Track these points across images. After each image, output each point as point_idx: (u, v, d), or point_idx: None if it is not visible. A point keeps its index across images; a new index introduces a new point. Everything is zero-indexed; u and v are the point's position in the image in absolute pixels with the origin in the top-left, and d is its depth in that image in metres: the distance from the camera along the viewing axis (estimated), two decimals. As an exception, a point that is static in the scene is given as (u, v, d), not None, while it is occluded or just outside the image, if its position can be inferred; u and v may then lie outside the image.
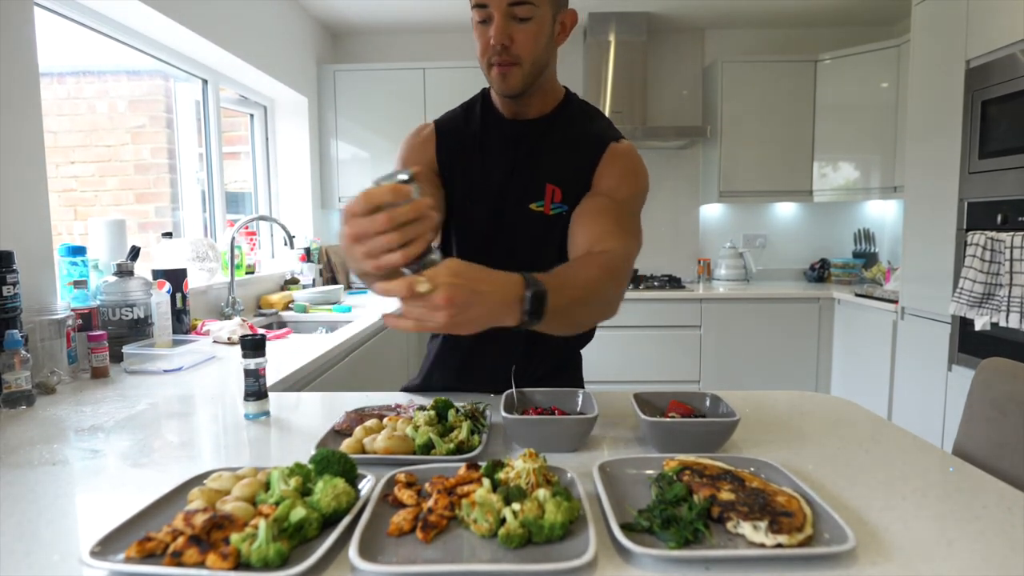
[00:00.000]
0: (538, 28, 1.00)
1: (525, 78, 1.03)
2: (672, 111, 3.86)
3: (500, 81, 1.03)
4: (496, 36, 0.98)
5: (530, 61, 1.02)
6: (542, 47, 1.02)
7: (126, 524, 0.66)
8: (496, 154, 1.12)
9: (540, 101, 1.11)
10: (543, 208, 1.07)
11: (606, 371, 3.36)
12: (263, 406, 1.11)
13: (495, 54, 1.00)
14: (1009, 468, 0.92)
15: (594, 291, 0.90)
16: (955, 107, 2.35)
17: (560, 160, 1.09)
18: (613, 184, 1.06)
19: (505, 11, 0.97)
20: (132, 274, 1.75)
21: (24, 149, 1.52)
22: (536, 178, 1.09)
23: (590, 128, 1.11)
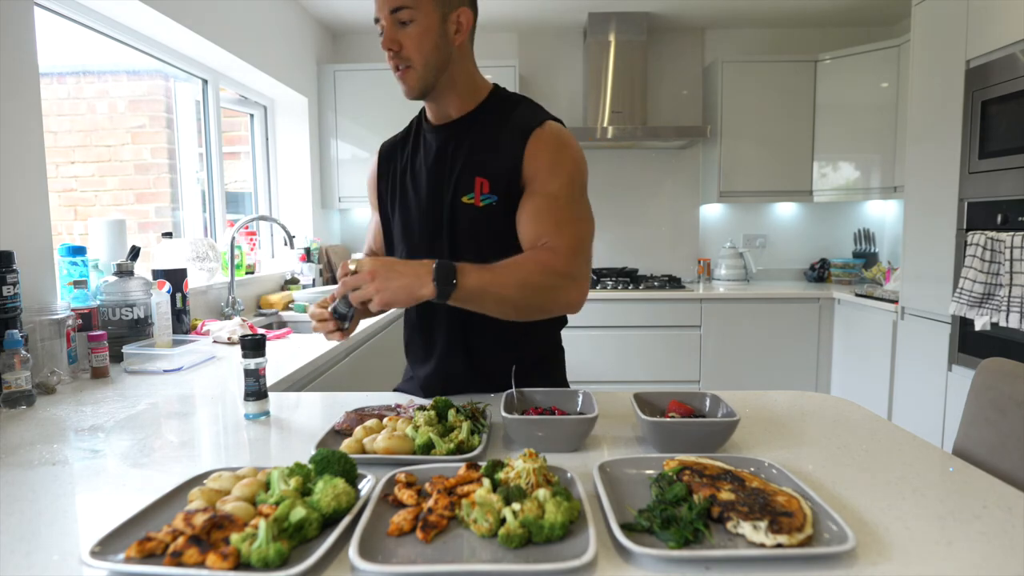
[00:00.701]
0: (422, 30, 1.04)
1: (421, 79, 1.08)
2: (672, 111, 3.86)
3: (402, 84, 1.10)
4: (384, 42, 1.06)
5: (421, 62, 1.06)
6: (431, 47, 1.06)
7: (126, 524, 0.66)
8: (428, 157, 1.17)
9: (459, 100, 1.14)
10: (474, 200, 1.10)
11: (606, 371, 3.36)
12: (263, 406, 1.11)
13: (390, 60, 1.07)
14: (1009, 468, 0.92)
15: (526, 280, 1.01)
16: (955, 107, 2.35)
17: (485, 153, 1.12)
18: (543, 176, 1.09)
19: (390, 18, 1.04)
20: (132, 274, 1.75)
21: (24, 149, 1.52)
22: (465, 172, 1.12)
23: (512, 117, 1.13)
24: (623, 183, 3.89)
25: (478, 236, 1.12)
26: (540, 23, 3.68)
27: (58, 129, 2.23)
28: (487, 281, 0.99)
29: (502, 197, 1.10)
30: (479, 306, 1.01)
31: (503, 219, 1.11)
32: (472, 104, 1.15)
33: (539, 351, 1.25)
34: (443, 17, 1.06)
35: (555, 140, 1.10)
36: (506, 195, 1.10)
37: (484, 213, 1.10)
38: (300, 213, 3.50)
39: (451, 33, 1.08)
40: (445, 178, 1.14)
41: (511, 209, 1.10)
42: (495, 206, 1.10)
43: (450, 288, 0.95)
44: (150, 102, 2.49)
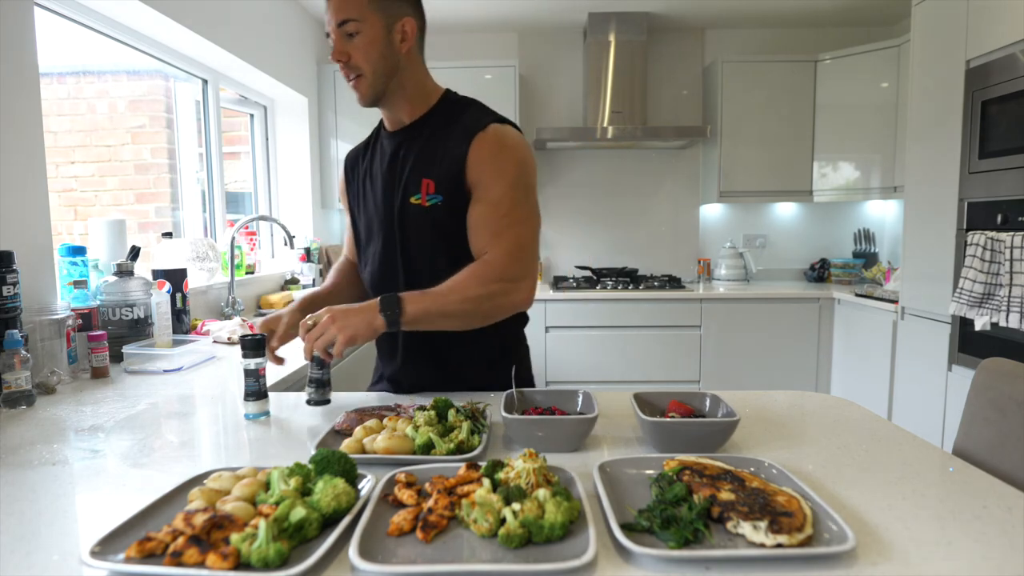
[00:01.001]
0: (368, 40, 1.10)
1: (371, 86, 1.14)
2: (672, 111, 3.85)
3: (355, 93, 1.16)
4: (333, 54, 1.12)
5: (370, 70, 1.12)
6: (378, 56, 1.12)
7: (126, 524, 0.66)
8: (383, 162, 1.23)
9: (410, 106, 1.20)
10: (420, 200, 1.16)
11: (606, 371, 3.36)
12: (263, 406, 1.11)
13: (341, 71, 1.14)
14: (1009, 468, 0.92)
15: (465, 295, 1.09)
16: (955, 107, 2.35)
17: (431, 155, 1.17)
18: (486, 181, 1.13)
19: (337, 32, 1.10)
20: (132, 274, 1.75)
21: (24, 149, 1.52)
22: (413, 174, 1.17)
23: (460, 121, 1.17)
24: (623, 183, 3.89)
25: (426, 234, 1.18)
26: (540, 23, 3.68)
27: (58, 129, 2.23)
28: (429, 303, 1.07)
29: (447, 197, 1.15)
30: (430, 326, 1.10)
31: (449, 218, 1.16)
32: (423, 109, 1.20)
33: (501, 345, 1.29)
34: (388, 27, 1.12)
35: (497, 143, 1.14)
36: (451, 195, 1.14)
37: (430, 212, 1.16)
38: (300, 213, 3.50)
39: (397, 42, 1.13)
40: (396, 180, 1.20)
41: (457, 209, 1.15)
42: (440, 206, 1.15)
43: (397, 316, 1.04)
44: (150, 102, 2.49)
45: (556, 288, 3.46)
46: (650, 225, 3.94)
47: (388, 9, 1.11)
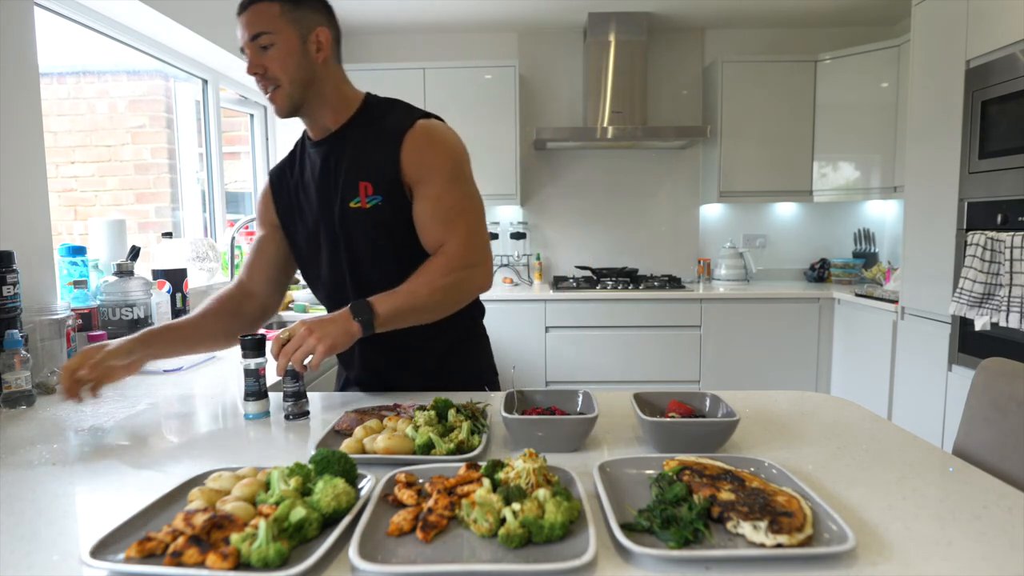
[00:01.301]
0: (283, 52, 1.11)
1: (290, 96, 1.14)
2: (672, 111, 3.85)
3: (273, 105, 1.16)
4: (249, 68, 1.12)
5: (287, 81, 1.12)
6: (295, 66, 1.12)
7: (126, 524, 0.66)
8: (315, 171, 1.23)
9: (333, 113, 1.20)
10: (360, 204, 1.17)
11: (606, 371, 3.36)
12: (263, 406, 1.11)
13: (258, 83, 1.14)
14: (1009, 468, 0.92)
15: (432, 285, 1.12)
16: (955, 107, 2.35)
17: (364, 157, 1.17)
18: (424, 177, 1.16)
19: (251, 45, 1.11)
20: (132, 274, 1.75)
21: (24, 149, 1.52)
22: (348, 179, 1.18)
23: (387, 121, 1.19)
24: (623, 183, 3.89)
25: (370, 237, 1.19)
26: (540, 23, 3.68)
27: (58, 129, 2.23)
28: (399, 301, 1.10)
29: (387, 197, 1.16)
30: (403, 322, 1.12)
31: (391, 217, 1.17)
32: (347, 115, 1.21)
33: (458, 336, 1.32)
34: (302, 38, 1.13)
35: (426, 138, 1.16)
36: (390, 194, 1.16)
37: (371, 214, 1.17)
38: (300, 213, 3.49)
39: (313, 52, 1.14)
40: (332, 187, 1.20)
41: (398, 207, 1.17)
42: (381, 206, 1.16)
43: (370, 319, 1.07)
44: (150, 102, 2.49)
45: (556, 288, 3.46)
46: (650, 225, 3.94)
47: (301, 20, 1.12)
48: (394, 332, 1.18)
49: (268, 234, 1.32)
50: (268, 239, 1.32)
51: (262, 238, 1.33)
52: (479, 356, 1.38)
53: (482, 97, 3.47)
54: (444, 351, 1.30)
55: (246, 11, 1.11)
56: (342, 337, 1.05)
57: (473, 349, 1.37)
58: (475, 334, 1.37)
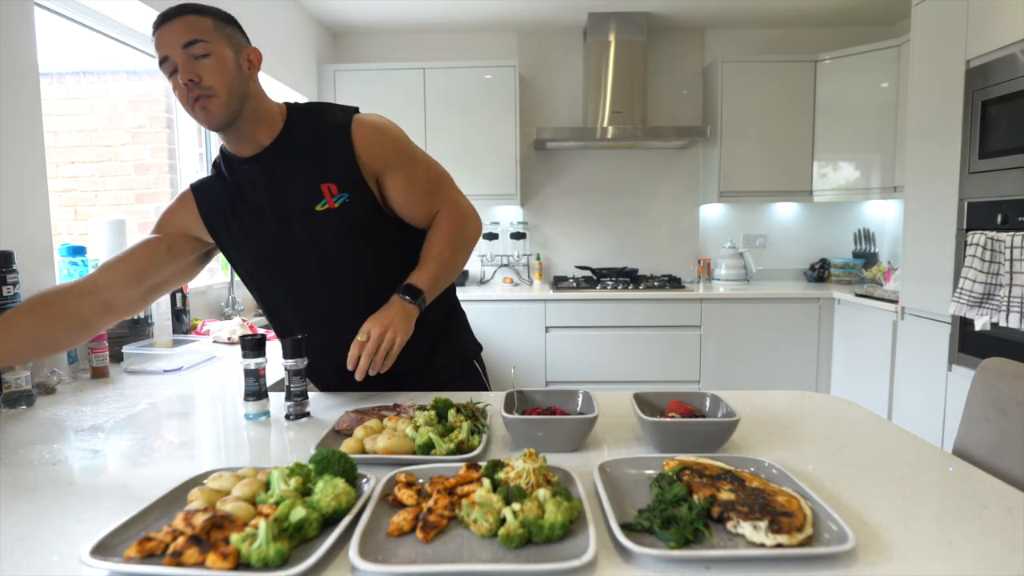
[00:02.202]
0: (219, 62, 1.09)
1: (225, 107, 1.10)
2: (672, 111, 3.85)
3: (205, 115, 1.10)
4: (183, 74, 1.07)
5: (225, 91, 1.09)
6: (231, 77, 1.10)
7: (126, 524, 0.66)
8: (257, 187, 1.20)
9: (267, 128, 1.18)
10: (328, 205, 1.17)
11: (606, 371, 3.36)
12: (263, 406, 1.11)
13: (190, 91, 1.08)
14: (1009, 468, 0.92)
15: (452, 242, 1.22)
16: (955, 107, 2.35)
17: (319, 160, 1.18)
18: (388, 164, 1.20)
19: (182, 53, 1.07)
20: (132, 274, 1.75)
21: (24, 149, 1.52)
22: (307, 185, 1.17)
23: (326, 122, 1.20)
24: (623, 183, 3.89)
25: (342, 235, 1.19)
26: (540, 23, 3.68)
27: (58, 129, 2.22)
28: (433, 270, 1.18)
29: (352, 192, 1.18)
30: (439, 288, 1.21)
31: (359, 210, 1.19)
32: (278, 127, 1.19)
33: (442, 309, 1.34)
34: (236, 54, 1.12)
35: (372, 128, 1.20)
36: (355, 189, 1.18)
37: (343, 211, 1.18)
38: (300, 213, 3.49)
39: (245, 69, 1.14)
40: (288, 198, 1.18)
41: (362, 199, 1.18)
42: (350, 201, 1.18)
43: (419, 294, 1.14)
44: (150, 102, 2.49)
45: (556, 288, 3.46)
46: (650, 225, 3.94)
47: (233, 37, 1.13)
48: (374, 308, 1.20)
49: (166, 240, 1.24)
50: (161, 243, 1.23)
51: (155, 240, 1.24)
52: (464, 329, 1.43)
53: (482, 97, 3.47)
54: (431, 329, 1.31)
55: (174, 20, 1.08)
56: (407, 323, 1.11)
57: (456, 323, 1.41)
58: (456, 307, 1.43)
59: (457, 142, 3.50)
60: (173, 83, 1.10)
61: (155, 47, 1.09)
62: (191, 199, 1.26)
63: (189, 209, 1.25)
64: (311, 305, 1.24)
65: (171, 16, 1.08)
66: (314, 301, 1.23)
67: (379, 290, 1.18)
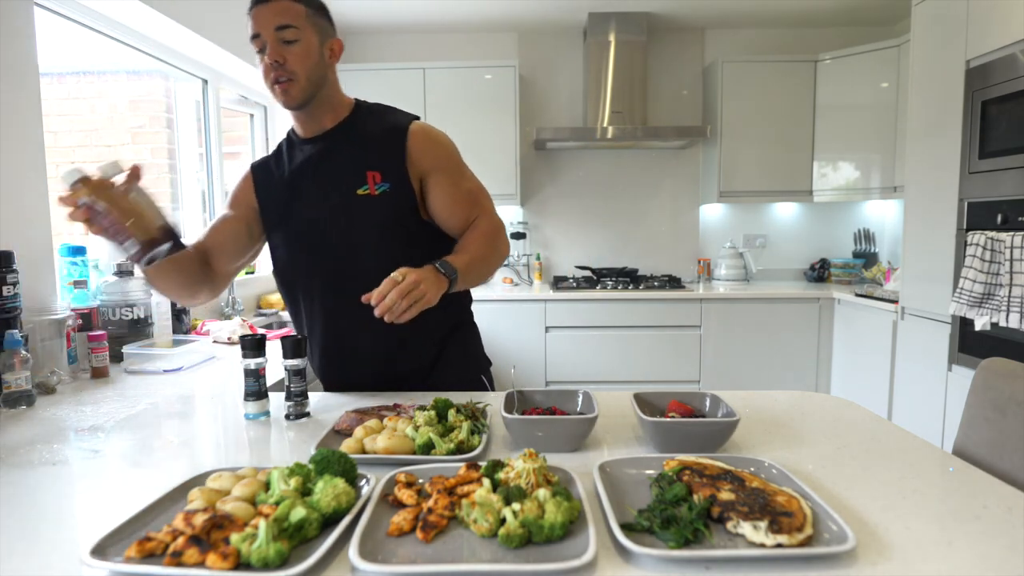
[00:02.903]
0: (305, 49, 1.17)
1: (303, 91, 1.19)
2: (672, 111, 3.85)
3: (283, 95, 1.18)
4: (271, 54, 1.15)
5: (304, 76, 1.18)
6: (313, 64, 1.19)
7: (126, 524, 0.66)
8: (308, 169, 1.27)
9: (332, 113, 1.27)
10: (369, 191, 1.23)
11: (606, 371, 3.36)
12: (263, 406, 1.11)
13: (273, 71, 1.16)
14: (1009, 468, 0.92)
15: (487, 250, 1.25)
16: (955, 107, 2.35)
17: (371, 150, 1.25)
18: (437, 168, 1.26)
19: (274, 35, 1.15)
20: (132, 274, 1.75)
21: (24, 149, 1.52)
22: (354, 169, 1.24)
23: (387, 120, 1.29)
24: (623, 183, 3.89)
25: (377, 221, 1.23)
26: (540, 23, 3.68)
27: (58, 129, 2.22)
28: (468, 259, 1.19)
29: (395, 184, 1.23)
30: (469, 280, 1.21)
31: (399, 203, 1.24)
32: (343, 115, 1.28)
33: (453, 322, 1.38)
34: (320, 43, 1.20)
35: (428, 135, 1.27)
36: (398, 182, 1.24)
37: (381, 200, 1.23)
38: (300, 213, 3.49)
39: (326, 57, 1.22)
40: (335, 178, 1.25)
41: (403, 193, 1.24)
42: (390, 192, 1.23)
43: (455, 274, 1.13)
44: (150, 102, 2.49)
45: (556, 288, 3.45)
46: (650, 225, 3.94)
47: (321, 26, 1.20)
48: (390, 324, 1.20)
49: (240, 215, 1.31)
50: (239, 219, 1.31)
51: (232, 217, 1.31)
52: (475, 344, 1.44)
53: (482, 97, 3.47)
54: (442, 337, 1.34)
55: (271, 2, 1.15)
56: (437, 288, 1.09)
57: (469, 337, 1.42)
58: (468, 321, 1.44)
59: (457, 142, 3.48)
60: (259, 59, 1.17)
61: (249, 23, 1.16)
62: (250, 176, 1.33)
63: (249, 186, 1.33)
64: (333, 294, 1.26)
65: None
66: (337, 289, 1.24)
67: None
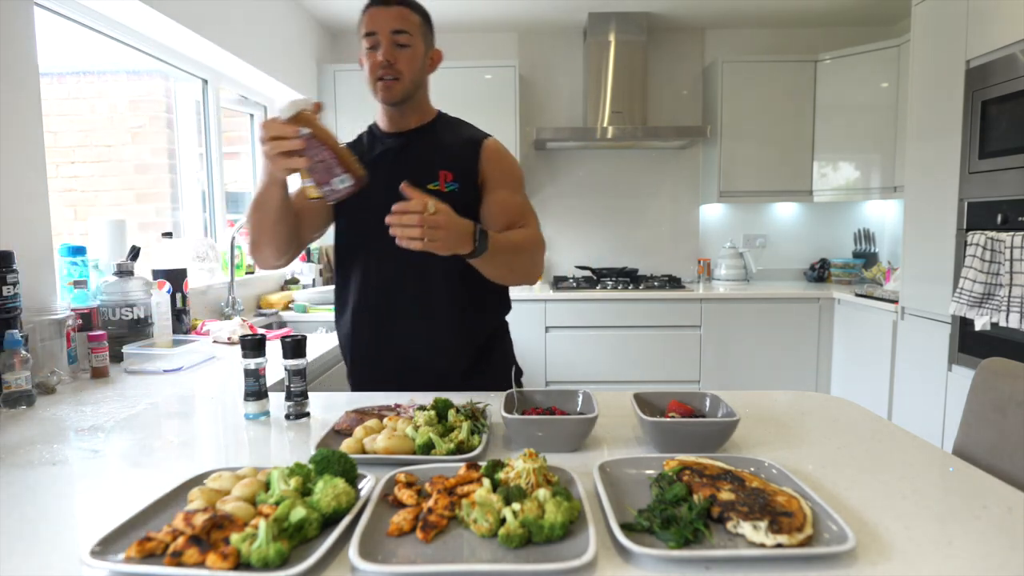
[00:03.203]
0: (413, 55, 1.30)
1: (405, 90, 1.31)
2: (672, 111, 3.85)
3: (385, 91, 1.29)
4: (384, 54, 1.26)
5: (409, 78, 1.30)
6: (417, 69, 1.32)
7: (126, 524, 0.66)
8: (386, 160, 1.36)
9: (418, 115, 1.40)
10: (439, 187, 1.32)
11: (606, 371, 3.36)
12: (263, 406, 1.11)
13: (382, 68, 1.27)
14: (1009, 468, 0.92)
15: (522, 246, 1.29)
16: (955, 107, 2.35)
17: (447, 153, 1.36)
18: (501, 179, 1.36)
19: (390, 37, 1.26)
20: (132, 274, 1.75)
21: (24, 149, 1.52)
22: (429, 166, 1.34)
23: (464, 131, 1.42)
24: (623, 183, 3.89)
25: None
26: (540, 23, 3.68)
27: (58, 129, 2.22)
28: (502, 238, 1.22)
29: (463, 185, 1.33)
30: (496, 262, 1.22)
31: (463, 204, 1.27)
32: (428, 118, 1.41)
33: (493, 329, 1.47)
34: (425, 51, 1.33)
35: (501, 151, 1.40)
36: (466, 185, 1.34)
37: (447, 198, 1.26)
38: (300, 213, 3.49)
39: (426, 65, 1.35)
40: (410, 170, 1.31)
41: (468, 196, 1.34)
42: (457, 192, 1.32)
43: (485, 244, 1.15)
44: (150, 102, 2.49)
45: (556, 288, 3.45)
46: (650, 225, 3.94)
47: (428, 38, 1.34)
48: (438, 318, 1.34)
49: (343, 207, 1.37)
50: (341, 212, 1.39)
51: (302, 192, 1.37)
52: (510, 351, 1.53)
53: (482, 97, 3.47)
54: (481, 342, 1.42)
55: (392, 6, 1.27)
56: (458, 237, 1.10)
57: (506, 344, 1.51)
58: (505, 328, 1.53)
59: (457, 142, 3.49)
60: (368, 53, 1.28)
61: (365, 20, 1.28)
62: None
63: None
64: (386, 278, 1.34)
65: (392, 2, 1.27)
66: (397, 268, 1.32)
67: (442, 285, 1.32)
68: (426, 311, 1.34)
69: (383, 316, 1.35)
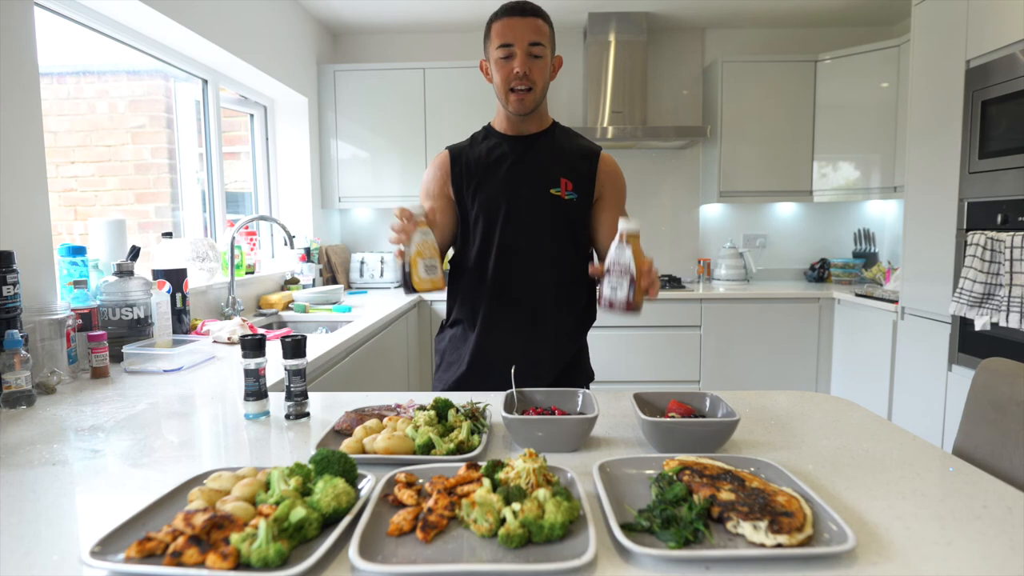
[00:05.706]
0: (545, 64, 1.35)
1: (535, 100, 1.36)
2: (672, 111, 3.85)
3: (518, 102, 1.35)
4: (520, 66, 1.31)
5: (541, 87, 1.36)
6: (546, 78, 1.37)
7: (126, 524, 0.66)
8: (509, 158, 1.41)
9: (538, 121, 1.45)
10: (560, 193, 1.39)
11: (606, 371, 3.36)
12: (263, 406, 1.11)
13: (517, 80, 1.32)
14: (1009, 468, 0.92)
15: None
16: (955, 107, 2.35)
17: (568, 161, 1.42)
18: (614, 194, 1.45)
19: (526, 49, 1.31)
20: (132, 274, 1.75)
21: (24, 149, 1.52)
22: (553, 171, 1.40)
23: (580, 142, 1.48)
24: (623, 183, 3.89)
25: (559, 221, 1.39)
26: (540, 23, 3.68)
27: (58, 129, 2.22)
28: None
29: (581, 196, 1.41)
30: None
31: (578, 212, 1.41)
32: (545, 126, 1.47)
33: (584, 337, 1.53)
34: (551, 59, 1.38)
35: (615, 166, 1.47)
36: (582, 195, 1.41)
37: (567, 204, 1.39)
38: (300, 213, 3.50)
39: (550, 73, 1.39)
40: (535, 173, 1.40)
41: (584, 206, 1.42)
42: (577, 201, 1.40)
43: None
44: (150, 102, 2.49)
45: (556, 288, 3.45)
46: (650, 225, 3.94)
47: (554, 45, 1.39)
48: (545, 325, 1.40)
49: (440, 206, 1.42)
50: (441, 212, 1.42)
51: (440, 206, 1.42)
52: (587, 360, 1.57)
53: (482, 97, 3.47)
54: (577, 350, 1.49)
55: (528, 17, 1.31)
56: None
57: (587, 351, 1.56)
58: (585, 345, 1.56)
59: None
60: (502, 63, 1.32)
61: (499, 30, 1.31)
62: (447, 161, 1.44)
63: (444, 170, 1.43)
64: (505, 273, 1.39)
65: (528, 13, 1.31)
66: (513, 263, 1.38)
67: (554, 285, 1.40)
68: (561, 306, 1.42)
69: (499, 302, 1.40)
